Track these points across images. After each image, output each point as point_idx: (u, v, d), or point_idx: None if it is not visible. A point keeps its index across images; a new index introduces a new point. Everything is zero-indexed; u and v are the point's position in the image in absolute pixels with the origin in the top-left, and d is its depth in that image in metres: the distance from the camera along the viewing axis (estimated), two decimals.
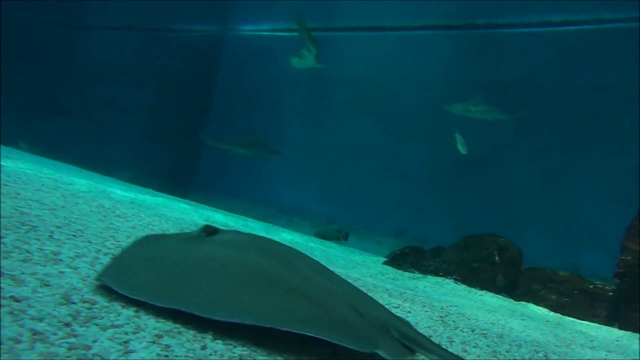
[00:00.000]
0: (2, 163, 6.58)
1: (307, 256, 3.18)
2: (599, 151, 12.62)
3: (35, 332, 1.90)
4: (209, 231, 3.05)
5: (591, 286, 7.92)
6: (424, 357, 2.69)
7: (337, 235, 11.57)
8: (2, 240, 2.86)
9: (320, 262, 3.29)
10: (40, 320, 2.01)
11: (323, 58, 13.67)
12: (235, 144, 16.00)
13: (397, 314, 4.15)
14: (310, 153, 16.29)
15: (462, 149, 11.83)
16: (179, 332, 2.33)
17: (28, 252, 2.79)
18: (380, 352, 2.38)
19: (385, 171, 15.14)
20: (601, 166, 12.47)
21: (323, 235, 11.42)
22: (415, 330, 2.77)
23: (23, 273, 2.43)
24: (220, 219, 8.75)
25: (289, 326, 2.35)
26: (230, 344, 2.37)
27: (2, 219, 3.35)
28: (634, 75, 12.05)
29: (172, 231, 5.02)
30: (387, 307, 4.36)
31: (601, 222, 11.86)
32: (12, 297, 2.12)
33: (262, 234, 8.37)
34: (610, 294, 7.74)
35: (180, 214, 7.14)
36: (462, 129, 12.71)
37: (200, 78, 18.89)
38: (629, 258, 7.76)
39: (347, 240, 11.64)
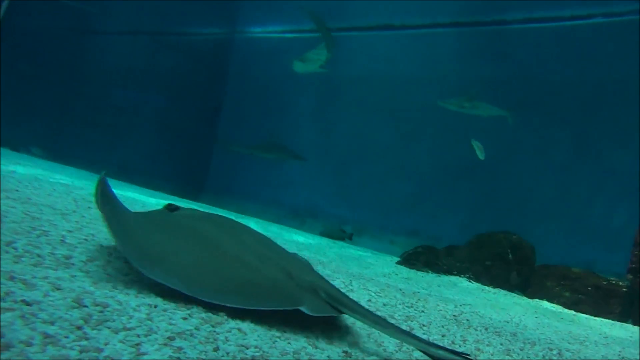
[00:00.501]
0: (13, 169, 6.62)
1: (256, 231, 3.55)
2: (610, 146, 12.55)
3: (46, 335, 1.90)
4: (171, 208, 3.54)
5: (605, 282, 7.87)
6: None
7: (341, 235, 11.68)
8: (14, 244, 2.87)
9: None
10: (52, 323, 2.02)
11: (330, 61, 13.70)
12: (258, 148, 16.03)
13: (410, 314, 4.15)
14: (321, 154, 16.30)
15: (480, 154, 11.72)
16: (191, 334, 2.33)
17: (39, 256, 2.81)
18: (303, 309, 2.68)
19: (398, 170, 15.13)
20: (613, 161, 12.40)
21: (328, 235, 11.50)
22: (342, 293, 2.95)
23: (34, 277, 2.44)
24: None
25: (216, 298, 2.64)
26: (243, 346, 2.37)
27: (13, 224, 3.37)
28: None
29: None
30: (399, 306, 4.37)
31: (614, 217, 11.81)
32: (23, 300, 2.13)
33: (274, 235, 8.39)
34: (624, 289, 7.69)
35: None
36: (472, 128, 12.68)
37: (210, 80, 18.94)
38: None
39: (352, 240, 11.70)
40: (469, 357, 2.43)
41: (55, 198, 5.03)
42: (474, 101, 13.45)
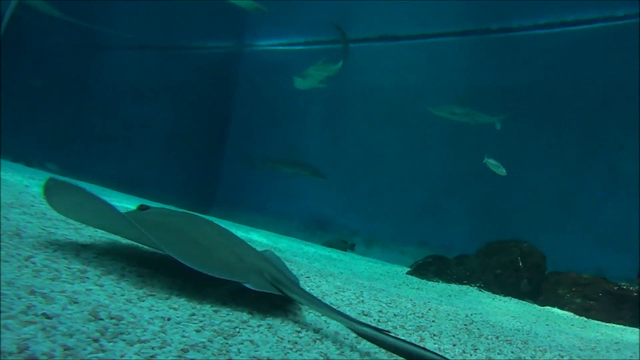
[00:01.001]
0: (27, 183, 6.71)
1: (220, 226, 4.04)
2: (619, 151, 12.54)
3: (66, 348, 1.96)
4: (142, 208, 4.08)
5: (616, 288, 7.84)
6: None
7: (343, 246, 11.81)
8: (32, 259, 2.93)
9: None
10: (71, 336, 2.07)
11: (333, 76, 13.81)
12: (280, 162, 16.06)
13: (421, 324, 4.18)
14: (331, 165, 16.34)
15: (499, 171, 11.53)
16: (204, 347, 2.38)
17: (57, 270, 2.87)
18: (248, 285, 3.16)
19: (407, 181, 15.15)
20: (621, 166, 12.38)
21: (330, 246, 11.58)
22: (286, 277, 3.45)
23: (53, 291, 2.50)
24: (242, 235, 8.81)
25: (181, 258, 3.07)
26: (255, 357, 2.42)
27: (31, 239, 3.43)
28: None
29: None
30: (410, 316, 4.40)
31: (623, 222, 11.77)
32: (43, 314, 2.19)
33: (284, 247, 8.43)
34: (635, 294, 7.66)
35: None
36: (481, 135, 12.71)
37: (219, 94, 19.03)
38: None
39: (354, 250, 11.79)
40: (389, 333, 2.82)
41: None
42: (465, 108, 13.52)
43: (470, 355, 3.59)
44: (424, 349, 2.78)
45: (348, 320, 2.99)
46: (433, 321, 4.51)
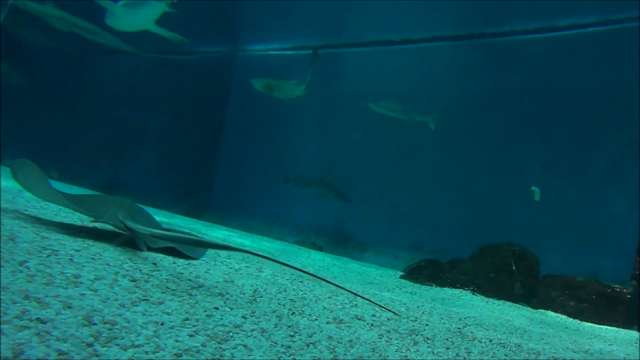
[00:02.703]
0: (20, 188, 6.71)
1: (137, 205, 5.03)
2: (611, 154, 12.59)
3: (60, 352, 1.97)
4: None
5: (609, 290, 7.87)
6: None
7: (313, 248, 12.04)
8: (26, 264, 2.94)
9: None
10: (65, 341, 2.08)
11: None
12: (308, 182, 16.00)
13: (415, 328, 4.19)
14: (324, 170, 16.33)
15: (537, 197, 11.54)
16: (198, 351, 2.38)
17: (50, 275, 2.87)
18: (100, 220, 4.49)
19: (400, 185, 15.17)
20: (614, 169, 12.43)
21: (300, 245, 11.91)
22: (137, 221, 4.48)
23: (47, 296, 2.50)
24: (237, 239, 8.81)
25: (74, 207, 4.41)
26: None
27: (25, 244, 3.43)
28: None
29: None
30: (404, 320, 4.41)
31: (617, 225, 11.81)
32: (38, 319, 2.19)
33: (278, 253, 8.44)
34: (628, 296, 7.69)
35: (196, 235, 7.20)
36: (474, 139, 12.75)
37: (212, 99, 19.03)
38: None
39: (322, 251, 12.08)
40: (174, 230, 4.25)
41: (62, 217, 5.11)
42: (404, 104, 13.67)
43: (464, 358, 3.60)
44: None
45: (148, 229, 4.24)
46: (426, 325, 4.51)
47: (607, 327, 7.33)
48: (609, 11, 12.93)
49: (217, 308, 3.16)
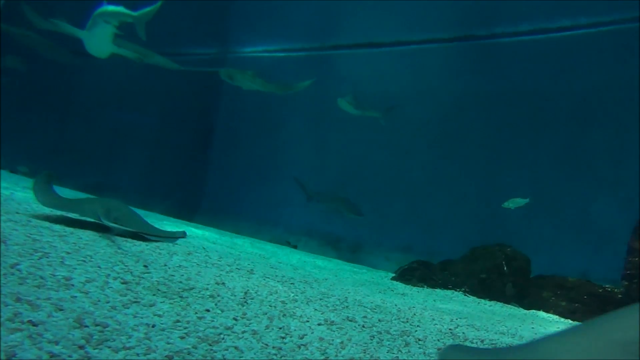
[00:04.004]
0: (13, 191, 6.70)
1: (124, 205, 5.91)
2: (603, 155, 12.64)
3: (52, 355, 1.97)
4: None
5: (600, 290, 7.90)
6: None
7: (287, 245, 12.17)
8: (18, 267, 2.93)
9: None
10: (56, 343, 2.08)
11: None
12: (325, 196, 15.94)
13: (406, 329, 4.21)
14: (315, 172, 16.32)
15: (520, 202, 11.69)
16: (189, 353, 2.39)
17: (42, 278, 2.87)
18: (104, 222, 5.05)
19: (391, 187, 15.17)
20: (606, 170, 12.49)
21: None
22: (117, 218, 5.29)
23: (38, 298, 2.50)
24: (226, 240, 8.81)
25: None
26: None
27: (17, 247, 3.43)
28: (635, 77, 12.08)
29: (180, 254, 5.07)
30: (395, 321, 4.42)
31: (608, 225, 11.85)
32: (30, 321, 2.19)
33: (269, 254, 8.45)
34: (619, 296, 7.72)
35: (188, 238, 7.19)
36: (466, 142, 12.78)
37: (203, 101, 18.99)
38: (636, 259, 7.73)
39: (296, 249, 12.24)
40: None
41: (52, 220, 5.10)
42: (358, 101, 13.89)
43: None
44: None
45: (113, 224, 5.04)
46: (418, 326, 4.53)
47: None
48: (600, 13, 12.99)
49: (208, 310, 3.16)
